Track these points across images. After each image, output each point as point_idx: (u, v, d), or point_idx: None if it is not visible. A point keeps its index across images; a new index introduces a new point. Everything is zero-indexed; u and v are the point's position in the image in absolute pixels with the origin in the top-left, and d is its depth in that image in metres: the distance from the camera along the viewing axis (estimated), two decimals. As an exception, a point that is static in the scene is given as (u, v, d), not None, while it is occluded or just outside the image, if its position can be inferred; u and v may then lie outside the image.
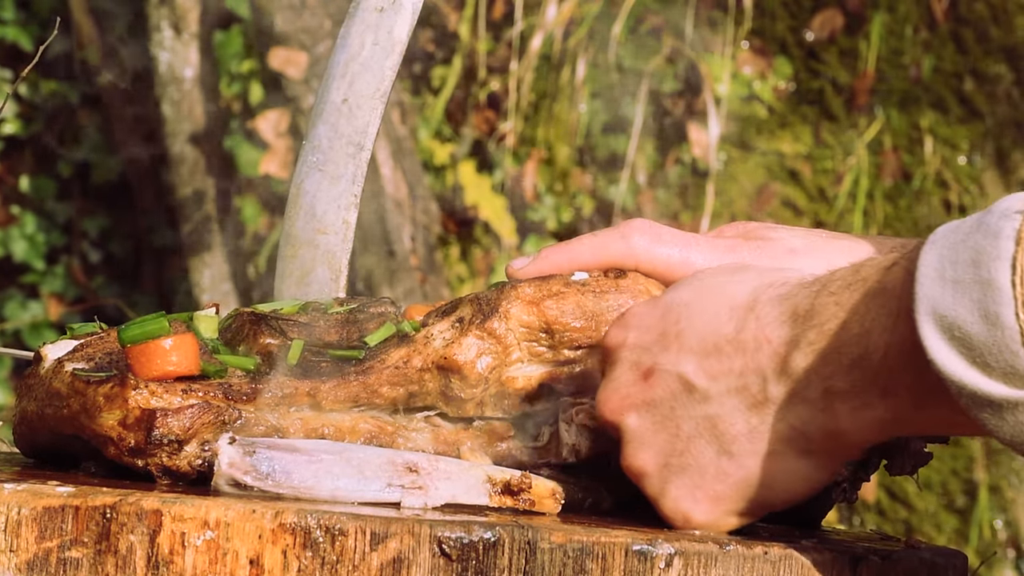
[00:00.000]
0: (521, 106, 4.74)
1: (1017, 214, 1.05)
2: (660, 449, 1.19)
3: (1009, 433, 1.05)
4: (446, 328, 1.29)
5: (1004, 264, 1.04)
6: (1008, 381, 1.04)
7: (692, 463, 1.18)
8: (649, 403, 1.19)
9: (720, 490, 1.18)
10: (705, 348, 1.18)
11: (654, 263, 1.32)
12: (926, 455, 1.34)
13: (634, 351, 1.21)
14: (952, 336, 1.05)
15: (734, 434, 1.17)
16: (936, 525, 4.37)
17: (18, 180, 4.90)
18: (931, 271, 1.07)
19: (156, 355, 1.23)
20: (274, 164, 4.25)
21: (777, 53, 4.74)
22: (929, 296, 1.06)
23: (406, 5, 1.50)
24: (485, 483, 1.21)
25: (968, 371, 1.05)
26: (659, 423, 1.19)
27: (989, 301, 1.04)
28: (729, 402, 1.17)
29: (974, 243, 1.06)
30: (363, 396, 1.27)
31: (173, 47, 4.38)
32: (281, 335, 1.28)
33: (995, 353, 1.04)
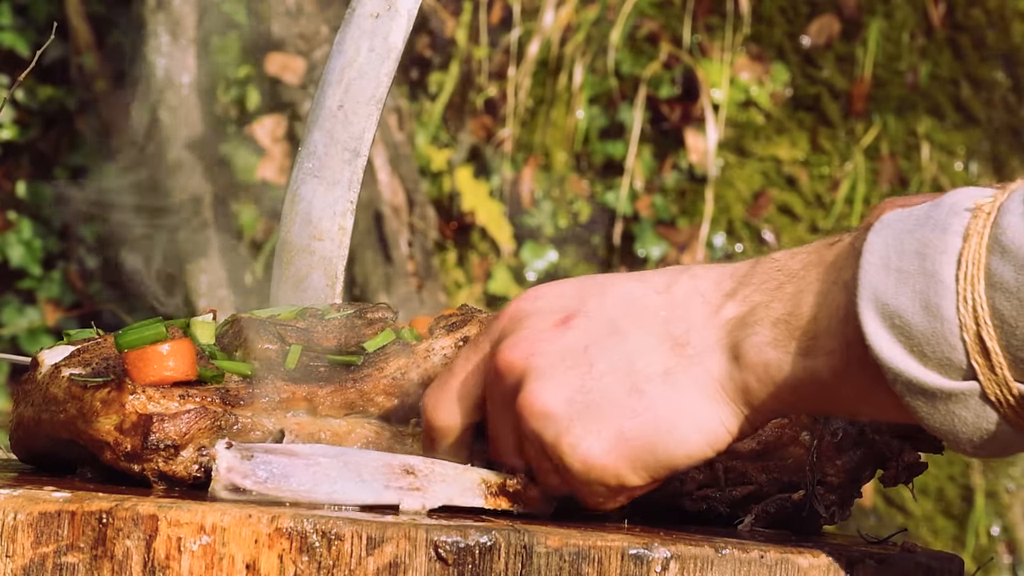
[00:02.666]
0: (518, 112, 4.75)
1: (966, 212, 1.07)
2: (569, 385, 1.15)
3: (938, 422, 1.07)
4: (449, 345, 1.28)
5: (950, 258, 1.06)
6: (943, 372, 1.06)
7: (601, 399, 1.14)
8: (562, 344, 1.16)
9: (626, 427, 1.14)
10: (631, 296, 1.17)
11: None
12: (920, 465, 1.34)
13: (548, 304, 1.19)
14: (892, 324, 1.07)
15: (648, 373, 1.15)
16: (933, 530, 4.37)
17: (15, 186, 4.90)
18: (876, 257, 1.08)
19: (153, 360, 1.23)
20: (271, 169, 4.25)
21: (774, 59, 4.75)
22: (872, 282, 1.08)
23: (402, 11, 1.50)
24: (480, 485, 1.21)
25: (905, 359, 1.07)
26: (570, 361, 1.16)
27: (931, 293, 1.06)
28: (649, 342, 1.15)
29: (921, 235, 1.08)
30: (359, 403, 1.27)
31: (170, 53, 4.38)
32: (279, 340, 1.28)
33: (933, 344, 1.06)
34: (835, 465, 1.31)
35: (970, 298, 1.05)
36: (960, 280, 1.05)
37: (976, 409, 1.06)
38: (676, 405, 1.15)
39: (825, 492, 1.31)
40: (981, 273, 1.05)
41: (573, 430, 1.15)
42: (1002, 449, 1.08)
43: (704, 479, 1.29)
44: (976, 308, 1.05)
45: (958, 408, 1.06)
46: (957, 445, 1.08)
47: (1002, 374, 1.05)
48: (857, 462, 1.32)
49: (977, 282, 1.05)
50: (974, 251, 1.06)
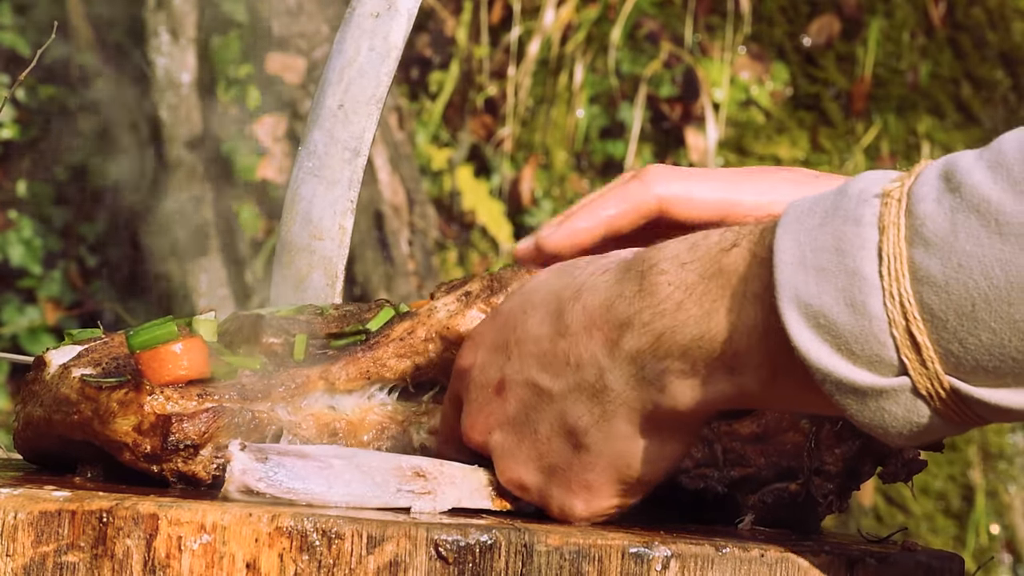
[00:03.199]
0: (519, 111, 4.75)
1: (875, 198, 1.05)
2: (527, 457, 1.18)
3: (868, 418, 1.06)
4: (451, 301, 1.29)
5: (870, 253, 1.04)
6: (873, 368, 1.04)
7: (559, 462, 1.17)
8: (507, 417, 1.19)
9: (590, 479, 1.17)
10: (542, 349, 1.17)
11: (681, 201, 1.31)
12: (920, 462, 1.34)
13: (483, 370, 1.20)
14: (817, 324, 1.05)
15: (583, 426, 1.15)
16: (933, 529, 4.37)
17: (15, 185, 4.90)
18: (789, 257, 1.06)
19: (168, 360, 1.23)
20: (271, 169, 4.25)
21: (775, 58, 4.75)
22: (791, 283, 1.05)
23: (402, 11, 1.50)
24: (487, 486, 1.21)
25: (833, 358, 1.05)
26: (520, 433, 1.18)
27: (855, 290, 1.04)
28: (571, 396, 1.16)
29: (834, 229, 1.05)
30: (373, 370, 1.27)
31: (171, 52, 4.38)
32: (283, 333, 1.29)
33: (861, 342, 1.04)
34: (834, 454, 1.31)
35: (896, 293, 1.03)
36: (884, 276, 1.03)
37: (907, 404, 1.05)
38: (619, 447, 1.16)
39: (823, 481, 1.32)
40: (905, 267, 1.03)
41: (553, 497, 1.18)
42: (929, 437, 1.07)
43: (703, 458, 1.30)
44: (904, 303, 1.03)
45: (888, 404, 1.05)
46: (884, 437, 1.07)
47: (933, 368, 1.04)
48: (855, 452, 1.32)
49: (902, 276, 1.03)
50: (893, 244, 1.03)
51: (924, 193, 1.04)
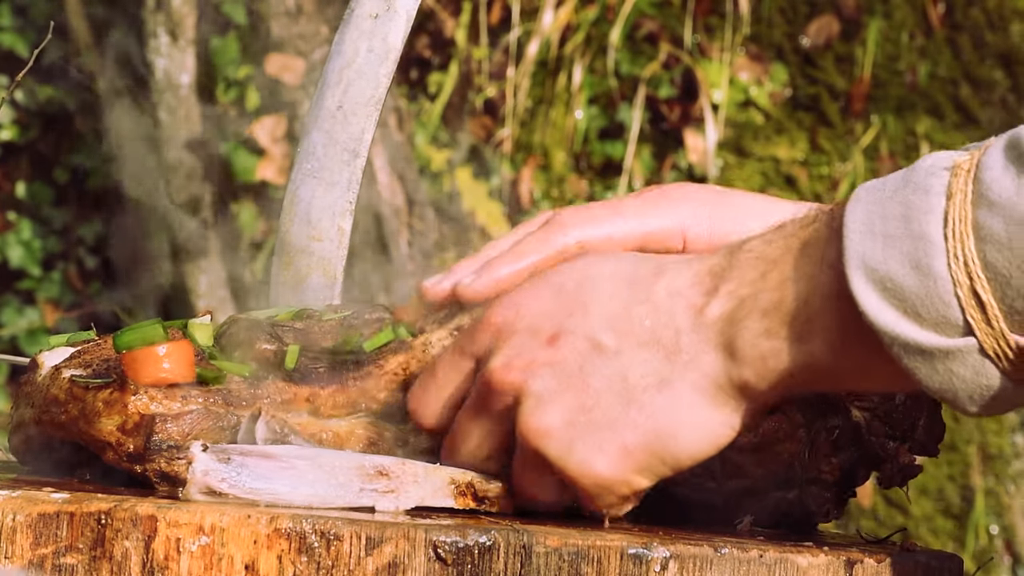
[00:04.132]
0: (518, 112, 4.75)
1: (944, 171, 1.08)
2: (566, 407, 1.16)
3: (938, 382, 1.08)
4: (445, 336, 1.29)
5: (936, 218, 1.06)
6: (939, 330, 1.07)
7: (601, 418, 1.16)
8: (554, 364, 1.17)
9: (629, 441, 1.16)
10: (614, 311, 1.17)
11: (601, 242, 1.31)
12: (916, 468, 1.34)
13: (533, 320, 1.19)
14: (884, 288, 1.07)
15: (644, 385, 1.15)
16: (932, 530, 4.37)
17: (14, 186, 4.90)
18: (859, 226, 1.09)
19: (149, 361, 1.23)
20: (271, 170, 4.25)
21: (773, 59, 4.75)
22: (859, 250, 1.08)
23: (400, 12, 1.50)
24: (449, 485, 1.21)
25: (900, 321, 1.07)
26: (565, 382, 1.17)
27: (921, 253, 1.06)
28: (641, 354, 1.16)
29: (903, 198, 1.08)
30: (361, 401, 1.27)
31: (170, 53, 4.39)
32: (277, 341, 1.28)
33: (927, 303, 1.06)
34: (830, 463, 1.31)
35: (960, 254, 1.05)
36: (949, 238, 1.06)
37: (975, 365, 1.07)
38: (675, 413, 1.15)
39: (820, 491, 1.32)
40: (969, 228, 1.05)
41: (577, 449, 1.16)
42: (1001, 405, 1.09)
43: (699, 469, 1.29)
44: (968, 263, 1.05)
45: (956, 366, 1.07)
46: (956, 404, 1.09)
47: (999, 327, 1.06)
48: (852, 461, 1.32)
49: (967, 237, 1.05)
50: (959, 208, 1.06)
51: (991, 163, 1.06)
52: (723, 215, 1.33)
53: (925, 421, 1.35)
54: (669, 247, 1.33)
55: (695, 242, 1.33)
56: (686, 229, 1.33)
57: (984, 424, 4.42)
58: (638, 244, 1.32)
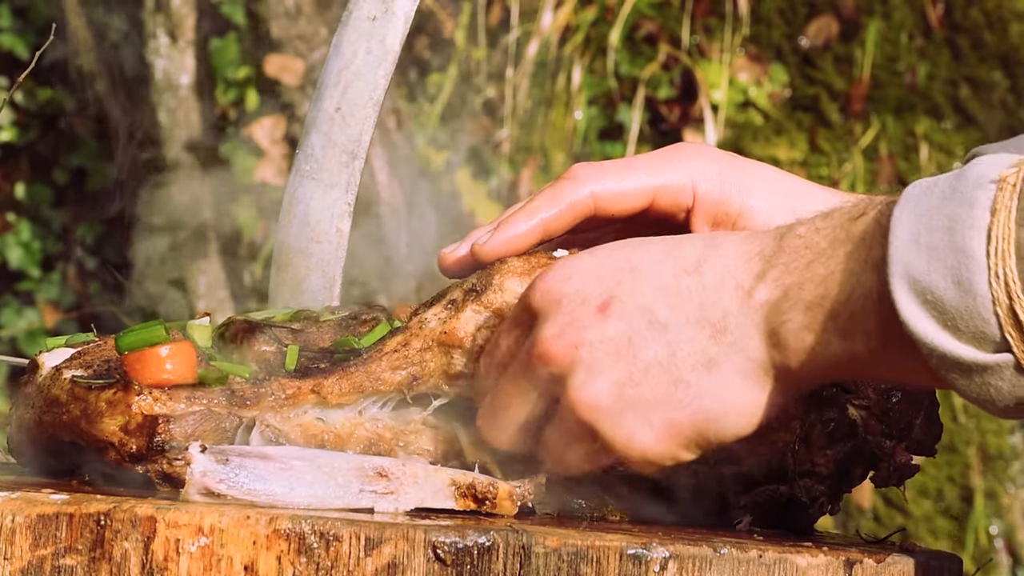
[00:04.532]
0: (517, 113, 4.75)
1: (991, 184, 1.08)
2: (617, 379, 1.18)
3: (976, 392, 1.09)
4: (439, 310, 1.29)
5: (979, 234, 1.07)
6: (977, 345, 1.08)
7: (648, 393, 1.18)
8: (605, 335, 1.18)
9: (676, 419, 1.18)
10: (664, 282, 1.18)
11: (613, 196, 1.34)
12: (913, 467, 1.34)
13: (583, 285, 1.20)
14: (925, 300, 1.08)
15: (692, 363, 1.17)
16: (932, 530, 4.37)
17: (14, 187, 4.90)
18: (905, 233, 1.10)
19: (152, 363, 1.23)
20: (270, 171, 4.25)
21: (773, 60, 4.75)
22: (903, 259, 1.09)
23: (399, 14, 1.50)
24: (450, 486, 1.21)
25: (939, 334, 1.08)
26: (616, 352, 1.18)
27: (963, 269, 1.07)
28: (689, 332, 1.17)
29: (949, 211, 1.09)
30: (367, 384, 1.27)
31: (169, 54, 4.39)
32: (276, 342, 1.29)
33: (966, 318, 1.08)
34: (825, 455, 1.32)
35: (1002, 273, 1.07)
36: (991, 255, 1.07)
37: (1011, 379, 1.08)
38: (722, 394, 1.17)
39: (813, 483, 1.32)
40: (1012, 247, 1.06)
41: (626, 423, 1.18)
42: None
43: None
44: (1008, 282, 1.06)
45: (993, 379, 1.08)
46: (992, 410, 1.10)
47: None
48: (847, 454, 1.33)
49: (1008, 256, 1.06)
50: (1003, 226, 1.07)
51: None
52: (733, 176, 1.36)
53: (922, 421, 1.35)
54: (679, 201, 1.35)
55: (705, 199, 1.35)
56: (696, 185, 1.35)
57: (983, 425, 4.42)
58: (649, 198, 1.35)
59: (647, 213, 1.37)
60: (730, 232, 1.22)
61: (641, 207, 1.36)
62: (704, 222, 1.37)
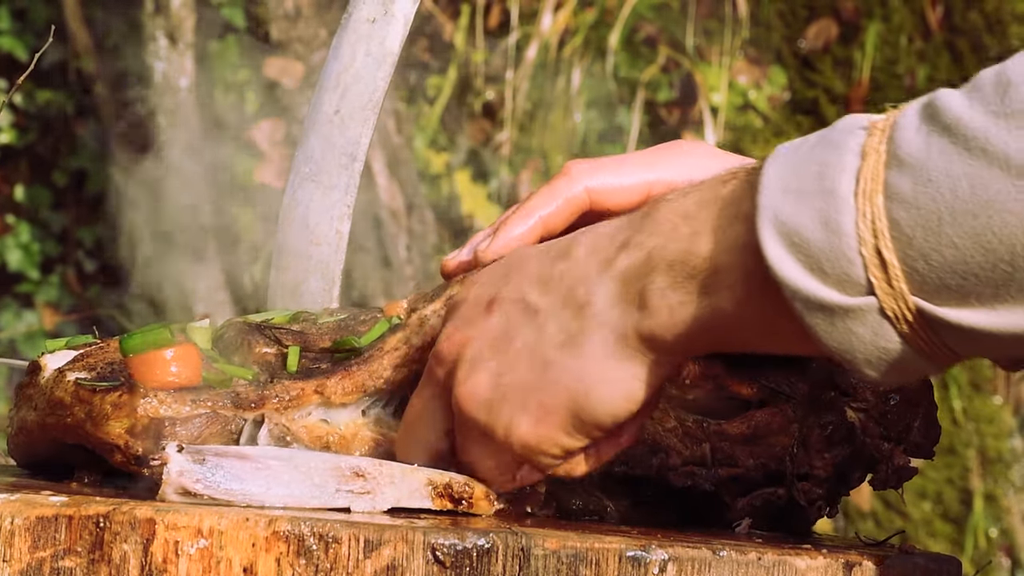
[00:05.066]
0: (516, 115, 4.75)
1: (861, 130, 1.08)
2: (494, 370, 1.18)
3: (836, 340, 1.07)
4: (439, 307, 1.30)
5: (848, 176, 1.06)
6: (842, 288, 1.06)
7: (520, 379, 1.17)
8: (487, 331, 1.19)
9: (547, 401, 1.16)
10: (542, 270, 1.19)
11: (608, 191, 1.35)
12: (911, 470, 1.34)
13: (474, 291, 1.22)
14: (791, 243, 1.07)
15: (557, 342, 1.16)
16: (931, 533, 4.37)
17: (13, 189, 4.91)
18: (774, 181, 1.09)
19: (157, 365, 1.23)
20: (269, 173, 4.26)
21: (772, 63, 4.75)
22: (771, 205, 1.08)
23: (398, 16, 1.50)
24: (427, 486, 1.21)
25: (804, 277, 1.07)
26: (494, 346, 1.18)
27: (831, 210, 1.06)
28: (554, 313, 1.17)
29: (818, 156, 1.08)
30: (370, 383, 1.27)
31: (168, 57, 4.39)
32: (276, 343, 1.29)
33: (832, 260, 1.06)
34: (823, 458, 1.32)
35: (868, 212, 1.05)
36: (859, 196, 1.06)
37: (874, 326, 1.06)
38: (582, 370, 1.15)
39: (811, 486, 1.32)
40: (880, 187, 1.05)
41: (503, 412, 1.17)
42: (899, 372, 1.08)
43: (690, 456, 1.30)
44: (874, 221, 1.05)
45: (856, 325, 1.07)
46: (854, 366, 1.08)
47: (899, 287, 1.05)
48: (845, 458, 1.33)
49: (876, 195, 1.05)
50: (872, 167, 1.06)
51: (906, 123, 1.07)
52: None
53: (920, 423, 1.35)
54: None
55: None
56: (692, 179, 1.35)
57: (983, 428, 4.42)
58: (644, 192, 1.35)
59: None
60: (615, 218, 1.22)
61: (637, 202, 1.36)
62: None
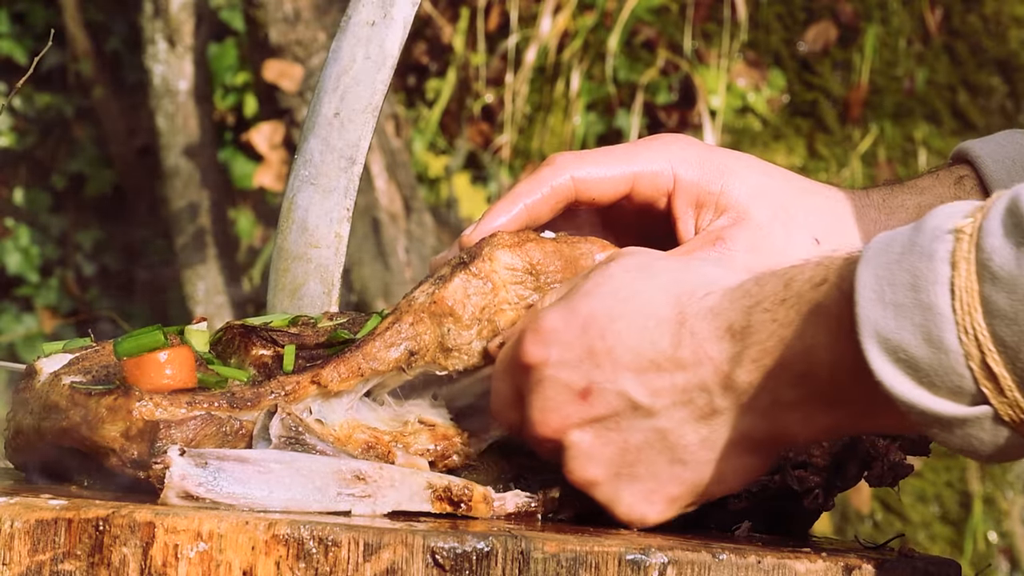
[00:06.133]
0: (516, 118, 4.75)
1: (948, 235, 1.09)
2: (610, 461, 1.22)
3: (958, 444, 1.10)
4: (427, 286, 1.30)
5: (943, 288, 1.07)
6: (954, 399, 1.08)
7: (645, 472, 1.21)
8: (592, 420, 1.22)
9: (676, 493, 1.22)
10: (641, 365, 1.21)
11: (594, 182, 1.37)
12: (907, 467, 1.35)
13: (562, 369, 1.22)
14: (897, 358, 1.09)
15: (685, 444, 1.20)
16: (930, 536, 4.37)
17: (12, 193, 4.91)
18: (870, 292, 1.10)
19: (151, 368, 1.23)
20: (268, 177, 4.26)
21: (771, 65, 4.75)
22: (871, 319, 1.09)
23: (397, 19, 1.50)
24: (426, 489, 1.21)
25: (915, 391, 1.09)
26: (605, 437, 1.22)
27: (931, 325, 1.08)
28: (677, 415, 1.20)
29: (910, 265, 1.09)
30: (365, 366, 1.27)
31: (167, 60, 4.39)
32: (272, 344, 1.29)
33: (941, 374, 1.08)
34: (821, 446, 1.32)
35: (970, 328, 1.07)
36: (957, 310, 1.07)
37: (991, 430, 1.09)
38: (718, 466, 1.21)
39: (808, 474, 1.32)
40: (977, 302, 1.07)
41: (624, 498, 1.23)
42: (1014, 455, 1.12)
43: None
44: (978, 336, 1.07)
45: (974, 431, 1.09)
46: (976, 458, 1.11)
47: (1012, 396, 1.07)
48: (842, 448, 1.33)
49: (974, 311, 1.07)
50: (965, 279, 1.07)
51: (992, 228, 1.07)
52: (712, 159, 1.38)
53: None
54: (659, 186, 1.38)
55: (685, 182, 1.38)
56: (676, 169, 1.38)
57: (982, 430, 4.41)
58: (629, 183, 1.37)
59: (629, 199, 1.39)
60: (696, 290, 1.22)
61: (622, 193, 1.38)
62: (687, 205, 1.39)
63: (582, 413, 1.22)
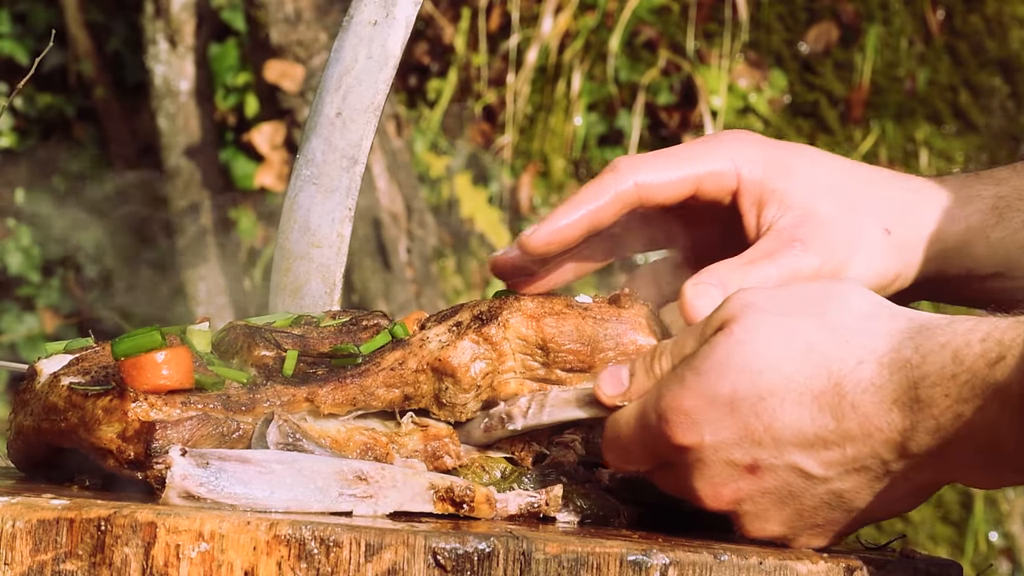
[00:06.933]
0: (517, 118, 4.75)
1: None
2: (786, 520, 1.23)
3: None
4: (443, 332, 1.29)
5: None
6: None
7: (822, 522, 1.23)
8: (762, 491, 1.22)
9: (846, 531, 1.24)
10: (806, 440, 1.20)
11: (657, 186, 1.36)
12: None
13: (721, 450, 1.22)
14: None
15: (861, 500, 1.22)
16: (932, 536, 4.37)
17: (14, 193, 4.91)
18: None
19: (148, 368, 1.23)
20: (270, 177, 4.26)
21: (772, 66, 4.75)
22: None
23: (399, 19, 1.50)
24: (428, 490, 1.21)
25: None
26: (779, 502, 1.23)
27: None
28: (851, 480, 1.21)
29: None
30: (360, 398, 1.27)
31: (169, 60, 4.39)
32: (275, 347, 1.29)
33: None
34: None
35: None
36: None
37: None
38: (889, 507, 1.23)
39: None
40: None
41: (800, 540, 1.25)
42: None
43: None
44: None
45: None
46: None
47: None
48: None
49: None
50: None
51: None
52: (775, 156, 1.37)
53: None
54: (724, 186, 1.37)
55: (749, 181, 1.37)
56: (739, 168, 1.36)
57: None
58: (694, 186, 1.36)
59: (693, 199, 1.38)
60: (844, 364, 1.20)
61: (686, 195, 1.37)
62: (751, 204, 1.37)
63: (753, 487, 1.22)
